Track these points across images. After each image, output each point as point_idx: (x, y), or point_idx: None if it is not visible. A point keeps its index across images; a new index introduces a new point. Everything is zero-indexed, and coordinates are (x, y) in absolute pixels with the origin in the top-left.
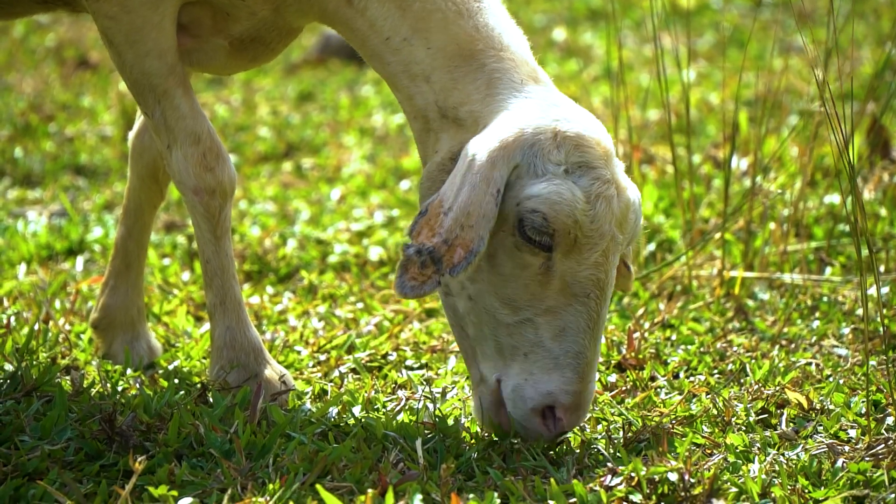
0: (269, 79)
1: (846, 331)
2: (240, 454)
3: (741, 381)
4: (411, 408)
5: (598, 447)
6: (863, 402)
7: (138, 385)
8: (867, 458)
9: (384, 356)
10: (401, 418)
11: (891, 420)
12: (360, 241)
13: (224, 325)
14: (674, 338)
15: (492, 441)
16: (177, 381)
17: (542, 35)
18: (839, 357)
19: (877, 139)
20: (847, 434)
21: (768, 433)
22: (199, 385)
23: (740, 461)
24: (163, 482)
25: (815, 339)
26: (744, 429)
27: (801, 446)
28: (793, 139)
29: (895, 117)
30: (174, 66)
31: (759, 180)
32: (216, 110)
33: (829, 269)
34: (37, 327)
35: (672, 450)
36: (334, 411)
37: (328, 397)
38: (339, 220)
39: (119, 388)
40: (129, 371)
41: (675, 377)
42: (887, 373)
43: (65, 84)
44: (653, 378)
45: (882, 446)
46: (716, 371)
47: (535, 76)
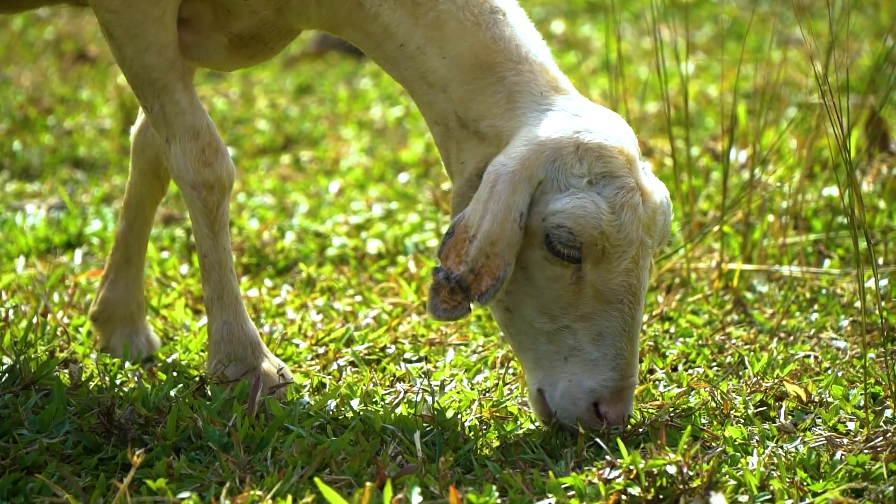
0: (267, 72)
1: (845, 323)
2: (238, 447)
3: (740, 373)
4: (410, 401)
5: (597, 440)
6: (861, 394)
7: (137, 378)
8: (866, 451)
9: (382, 349)
10: (399, 411)
11: (889, 412)
12: (359, 234)
13: (221, 320)
14: (672, 330)
15: (489, 434)
16: (175, 374)
17: (541, 27)
18: (838, 349)
19: (876, 132)
20: (845, 427)
21: (767, 426)
22: (197, 378)
23: (739, 454)
24: (161, 475)
25: (813, 331)
26: (742, 421)
27: (800, 439)
28: (791, 131)
29: (894, 110)
30: (174, 61)
31: (757, 173)
32: (215, 103)
33: (827, 262)
34: (35, 320)
35: (671, 442)
36: (332, 404)
37: (326, 390)
38: (338, 213)
39: (117, 382)
40: (127, 364)
41: (674, 370)
42: (886, 365)
43: (63, 77)
44: (651, 371)
45: (880, 439)
46: (714, 364)
47: (556, 85)
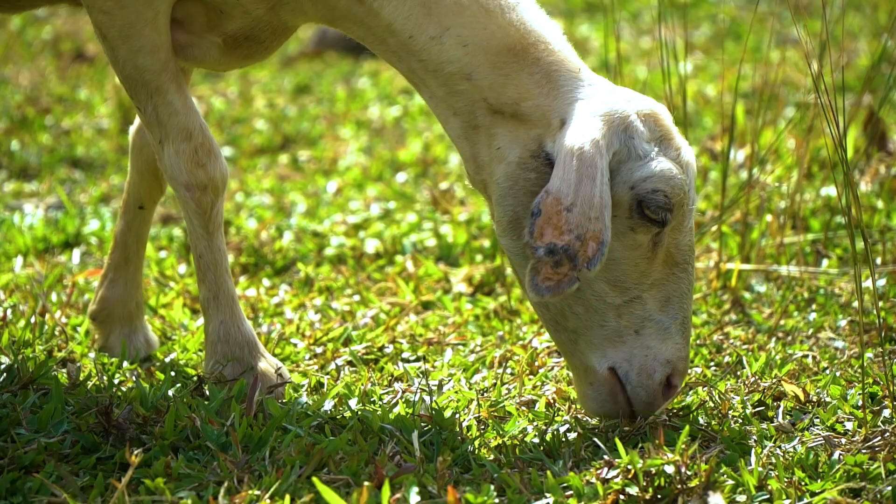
0: (265, 71)
1: (843, 323)
2: (236, 447)
3: (738, 373)
4: (408, 400)
5: (595, 439)
6: (859, 394)
7: (135, 378)
8: (864, 451)
9: (380, 349)
10: (397, 411)
11: (887, 412)
12: (357, 233)
13: (217, 320)
14: None
15: (488, 434)
16: (173, 373)
17: None
18: (836, 349)
19: (873, 131)
20: (843, 426)
21: (765, 425)
22: (195, 378)
23: (737, 454)
24: (159, 475)
25: (811, 331)
26: (740, 421)
27: (798, 439)
28: (789, 131)
29: (892, 109)
30: (167, 63)
31: (755, 172)
32: (213, 103)
33: (825, 262)
34: (33, 320)
35: (669, 442)
36: (330, 404)
37: (324, 390)
38: (336, 213)
39: (116, 381)
40: (125, 364)
41: None
42: (884, 365)
43: (61, 77)
44: None
45: (878, 438)
46: (712, 363)
47: (580, 65)
